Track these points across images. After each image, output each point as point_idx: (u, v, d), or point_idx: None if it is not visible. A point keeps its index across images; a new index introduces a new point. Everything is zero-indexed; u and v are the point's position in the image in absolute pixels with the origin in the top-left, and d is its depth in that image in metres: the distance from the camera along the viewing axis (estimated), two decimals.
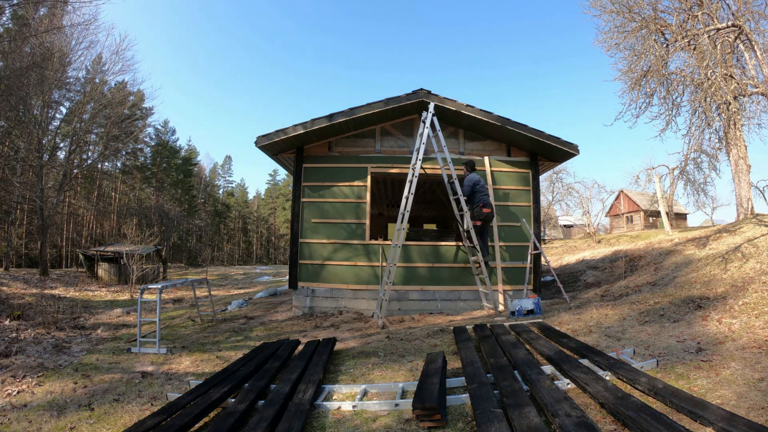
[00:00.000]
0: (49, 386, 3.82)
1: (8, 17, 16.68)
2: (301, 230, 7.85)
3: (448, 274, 7.78)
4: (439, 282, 7.75)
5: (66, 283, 16.16)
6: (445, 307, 7.63)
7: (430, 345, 4.79)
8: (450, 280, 7.76)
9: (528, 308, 6.36)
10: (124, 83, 26.47)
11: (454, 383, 3.46)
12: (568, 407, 2.48)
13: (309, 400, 3.01)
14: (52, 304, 9.34)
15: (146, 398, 3.53)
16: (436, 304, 7.68)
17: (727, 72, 11.67)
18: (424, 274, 7.78)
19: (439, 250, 7.91)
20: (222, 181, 68.59)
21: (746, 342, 3.43)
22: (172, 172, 48.58)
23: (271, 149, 7.84)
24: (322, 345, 4.71)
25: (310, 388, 3.24)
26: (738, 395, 2.61)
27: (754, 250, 6.11)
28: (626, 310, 5.07)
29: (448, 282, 7.75)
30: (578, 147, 7.74)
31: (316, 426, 2.83)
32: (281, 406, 2.92)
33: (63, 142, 22.94)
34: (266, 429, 2.54)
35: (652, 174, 18.59)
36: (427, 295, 7.71)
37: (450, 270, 7.79)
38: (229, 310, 9.08)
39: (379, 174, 8.36)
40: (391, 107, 7.52)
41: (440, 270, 7.79)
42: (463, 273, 7.78)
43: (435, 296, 7.71)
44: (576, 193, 29.24)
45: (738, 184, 13.03)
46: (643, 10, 13.58)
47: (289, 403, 3.00)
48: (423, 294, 7.71)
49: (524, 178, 8.12)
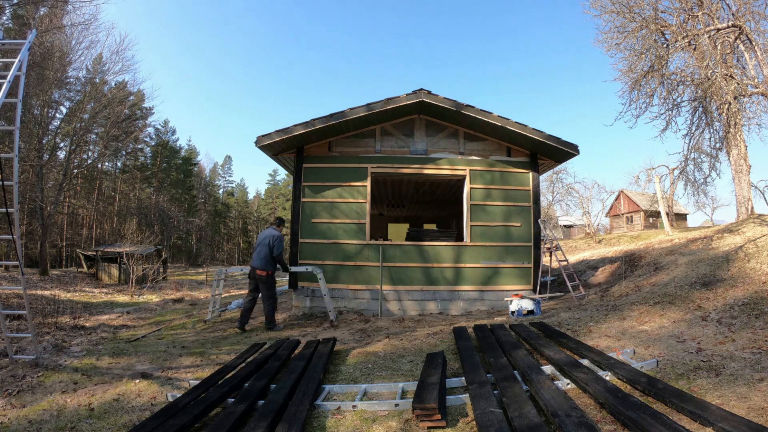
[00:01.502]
0: (49, 386, 3.82)
1: (8, 17, 16.69)
2: (301, 230, 7.85)
3: (448, 274, 7.78)
4: (439, 282, 7.75)
5: (66, 283, 16.17)
6: (445, 307, 7.63)
7: (430, 345, 4.79)
8: (450, 280, 7.76)
9: (528, 308, 6.36)
10: (124, 83, 26.50)
11: (454, 383, 3.45)
12: (568, 407, 2.48)
13: (309, 401, 3.01)
14: (52, 303, 9.34)
15: (146, 398, 3.53)
16: (436, 304, 7.68)
17: (727, 72, 11.67)
18: (424, 274, 7.78)
19: (439, 250, 7.91)
20: (222, 181, 68.67)
21: (746, 342, 3.43)
22: (172, 172, 48.62)
23: (271, 149, 7.84)
24: (322, 345, 4.71)
25: (310, 388, 3.24)
26: (738, 395, 2.61)
27: (754, 250, 6.11)
28: (626, 311, 5.07)
29: (448, 282, 7.75)
30: (578, 147, 7.75)
31: (316, 426, 2.83)
32: (281, 407, 2.92)
33: (63, 142, 22.98)
34: (266, 429, 2.54)
35: (652, 174, 18.59)
36: (427, 295, 7.71)
37: (450, 270, 7.79)
38: (229, 311, 9.08)
39: (379, 174, 8.36)
40: (391, 107, 7.52)
41: (440, 270, 7.79)
42: (463, 273, 7.78)
43: (435, 296, 7.71)
44: (576, 194, 29.26)
45: (738, 184, 13.03)
46: (644, 11, 13.58)
47: (289, 403, 3.00)
48: (423, 294, 7.71)
49: (524, 178, 8.12)
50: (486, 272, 7.79)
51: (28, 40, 4.19)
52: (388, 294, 7.69)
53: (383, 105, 7.48)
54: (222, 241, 60.74)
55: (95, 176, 34.25)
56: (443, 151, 8.17)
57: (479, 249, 7.84)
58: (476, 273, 7.79)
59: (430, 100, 7.50)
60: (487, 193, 8.02)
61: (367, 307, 7.64)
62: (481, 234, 7.89)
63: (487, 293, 7.74)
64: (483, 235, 7.88)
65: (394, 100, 7.50)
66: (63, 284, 15.53)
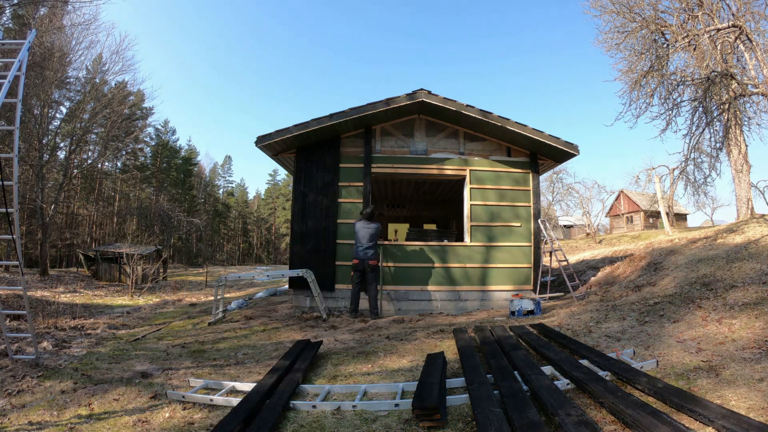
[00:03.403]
0: (49, 386, 3.82)
1: (8, 17, 16.69)
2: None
3: (448, 275, 7.78)
4: (439, 282, 7.74)
5: (66, 283, 16.17)
6: (445, 308, 7.62)
7: (430, 345, 4.79)
8: (450, 280, 7.76)
9: (528, 309, 6.36)
10: (125, 83, 26.46)
11: (454, 384, 3.45)
12: (568, 407, 2.48)
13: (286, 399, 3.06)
14: (52, 304, 9.34)
15: (146, 398, 3.53)
16: (436, 304, 7.68)
17: (727, 72, 11.67)
18: (424, 274, 7.78)
19: (440, 250, 7.91)
20: (222, 181, 68.67)
21: (746, 342, 3.43)
22: (172, 172, 48.63)
23: (271, 149, 7.84)
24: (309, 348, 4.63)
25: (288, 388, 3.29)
26: (738, 395, 2.60)
27: (755, 250, 6.11)
28: (626, 311, 5.07)
29: (448, 282, 7.75)
30: (578, 147, 7.75)
31: (316, 426, 2.83)
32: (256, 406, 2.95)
33: (63, 142, 22.94)
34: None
35: (652, 174, 18.61)
36: (427, 296, 7.71)
37: (450, 270, 7.79)
38: (229, 311, 9.08)
39: (379, 174, 8.36)
40: (391, 107, 7.52)
41: (440, 270, 7.78)
42: (463, 273, 7.78)
43: (435, 296, 7.70)
44: (576, 194, 29.28)
45: (738, 184, 13.03)
46: (644, 11, 13.58)
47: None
48: (423, 294, 7.71)
49: (524, 178, 8.12)
50: (486, 272, 7.79)
51: (28, 40, 4.19)
52: (388, 294, 7.69)
53: (383, 105, 7.49)
54: (222, 242, 60.71)
55: (95, 176, 34.21)
56: (443, 151, 8.17)
57: (479, 249, 7.84)
58: (476, 273, 7.78)
59: (430, 100, 7.50)
60: (487, 193, 8.02)
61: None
62: (481, 234, 7.89)
63: (487, 293, 7.74)
64: (483, 235, 7.88)
65: (394, 100, 7.51)
66: (63, 284, 15.53)
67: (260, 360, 4.62)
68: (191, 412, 3.16)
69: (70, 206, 30.93)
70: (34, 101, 18.49)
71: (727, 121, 12.53)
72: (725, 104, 11.99)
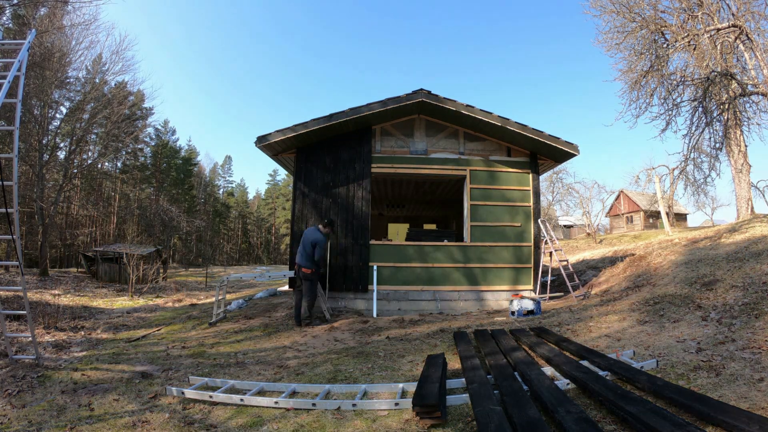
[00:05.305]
0: (49, 386, 3.82)
1: (8, 17, 16.68)
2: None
3: (448, 275, 7.78)
4: (439, 282, 7.74)
5: (66, 283, 16.16)
6: (445, 308, 7.62)
7: (430, 345, 4.79)
8: (450, 280, 7.76)
9: (528, 309, 6.36)
10: (124, 83, 26.44)
11: (454, 384, 3.45)
12: (568, 404, 2.48)
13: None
14: (51, 304, 9.34)
15: (146, 398, 3.53)
16: (436, 304, 7.68)
17: (727, 72, 11.67)
18: (424, 274, 7.78)
19: (439, 251, 7.91)
20: (222, 181, 68.60)
21: (746, 342, 3.43)
22: (172, 172, 48.58)
23: (270, 149, 7.84)
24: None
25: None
26: (738, 395, 2.60)
27: (755, 249, 6.10)
28: (626, 311, 5.07)
29: (448, 282, 7.75)
30: (578, 147, 7.75)
31: (316, 426, 2.83)
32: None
33: (63, 142, 22.93)
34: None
35: (652, 174, 18.61)
36: (427, 296, 7.70)
37: (450, 270, 7.79)
38: (230, 311, 9.07)
39: (379, 174, 8.36)
40: (391, 107, 7.52)
41: (440, 270, 7.79)
42: (463, 273, 7.78)
43: (435, 296, 7.70)
44: (576, 194, 29.28)
45: (738, 184, 13.03)
46: (644, 11, 13.59)
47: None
48: (423, 294, 7.71)
49: (524, 178, 8.12)
50: (486, 272, 7.79)
51: (28, 40, 4.19)
52: (388, 294, 7.69)
53: (383, 105, 7.49)
54: (222, 242, 60.67)
55: (95, 176, 34.19)
56: (443, 151, 8.17)
57: (479, 249, 7.84)
58: (476, 273, 7.78)
59: (430, 100, 7.50)
60: (487, 193, 8.02)
61: (367, 307, 7.63)
62: (481, 234, 7.89)
63: (487, 293, 7.74)
64: (483, 235, 7.88)
65: (393, 100, 7.51)
66: (63, 285, 15.52)
67: (260, 360, 4.63)
68: (192, 412, 3.16)
69: (70, 206, 30.92)
70: (33, 101, 18.48)
71: (726, 121, 12.53)
72: (725, 104, 11.99)
